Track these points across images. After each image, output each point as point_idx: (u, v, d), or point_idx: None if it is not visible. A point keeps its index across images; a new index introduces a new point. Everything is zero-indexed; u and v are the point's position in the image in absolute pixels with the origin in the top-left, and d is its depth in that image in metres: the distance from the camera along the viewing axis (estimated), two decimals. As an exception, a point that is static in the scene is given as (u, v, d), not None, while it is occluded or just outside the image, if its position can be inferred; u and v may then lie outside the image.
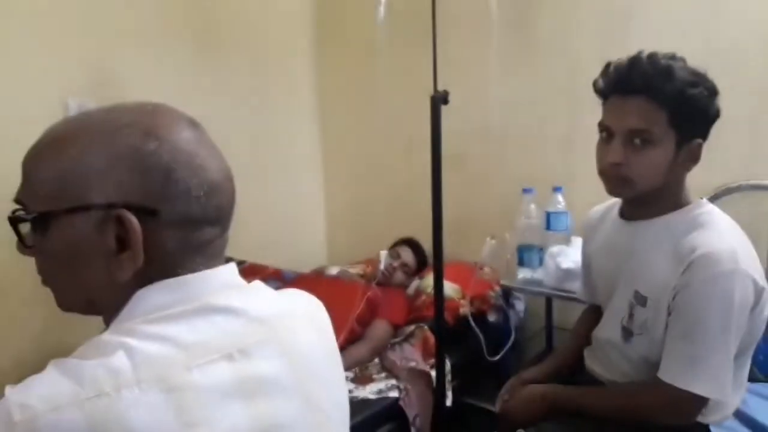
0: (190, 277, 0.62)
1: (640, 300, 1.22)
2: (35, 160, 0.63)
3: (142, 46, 2.11)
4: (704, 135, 1.18)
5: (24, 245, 0.64)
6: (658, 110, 1.13)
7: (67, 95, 1.90)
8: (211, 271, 0.64)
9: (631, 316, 1.24)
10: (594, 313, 1.46)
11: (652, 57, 1.15)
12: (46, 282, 0.66)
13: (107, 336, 0.58)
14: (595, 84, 1.23)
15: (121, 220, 0.59)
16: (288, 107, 2.73)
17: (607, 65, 1.21)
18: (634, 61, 1.16)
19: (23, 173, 0.63)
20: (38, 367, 0.56)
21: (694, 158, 1.18)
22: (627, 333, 1.26)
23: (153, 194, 0.60)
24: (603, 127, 1.21)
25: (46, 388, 0.52)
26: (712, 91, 1.15)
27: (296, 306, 0.73)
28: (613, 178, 1.20)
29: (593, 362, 1.39)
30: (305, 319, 0.72)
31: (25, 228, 0.63)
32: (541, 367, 1.48)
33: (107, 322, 0.63)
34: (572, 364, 1.47)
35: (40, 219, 0.61)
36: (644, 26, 1.97)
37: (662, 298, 1.17)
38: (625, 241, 1.28)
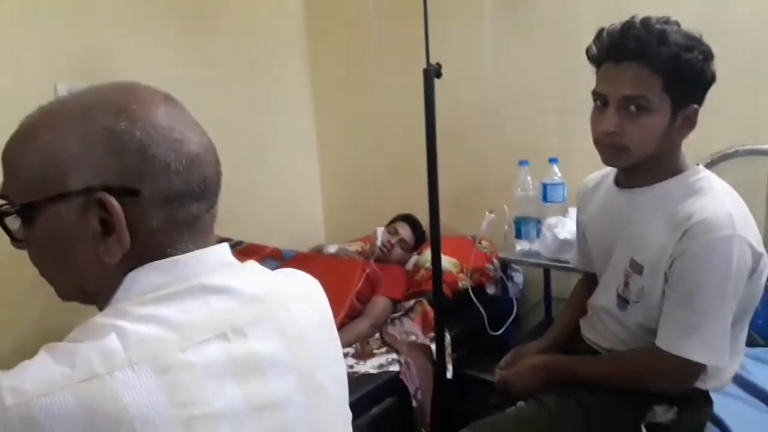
0: (182, 257, 0.62)
1: (636, 268, 1.21)
2: (13, 152, 0.62)
3: (133, 30, 2.08)
4: (700, 100, 1.16)
5: (14, 239, 0.63)
6: (653, 76, 1.10)
7: (57, 80, 1.88)
8: (204, 250, 0.64)
9: (626, 284, 1.24)
10: (589, 282, 1.46)
11: (646, 21, 1.12)
12: (42, 273, 0.66)
13: (99, 318, 0.57)
14: (588, 51, 1.21)
15: (103, 203, 0.58)
16: (282, 87, 2.70)
17: (600, 31, 1.18)
18: (627, 26, 1.13)
19: (3, 167, 0.63)
20: (38, 354, 0.55)
21: (691, 124, 1.16)
22: (623, 301, 1.26)
23: (131, 173, 0.59)
24: (597, 95, 1.18)
25: (38, 373, 0.52)
26: (708, 55, 1.13)
27: (291, 284, 0.72)
28: (609, 147, 1.17)
29: (589, 331, 1.39)
30: (301, 297, 0.71)
31: (17, 222, 0.62)
32: (539, 342, 1.49)
33: (101, 308, 0.62)
34: (569, 335, 1.47)
35: (25, 210, 0.60)
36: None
37: (659, 266, 1.16)
38: (621, 209, 1.27)
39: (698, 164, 1.22)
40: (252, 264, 0.70)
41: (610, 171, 1.35)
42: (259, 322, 0.63)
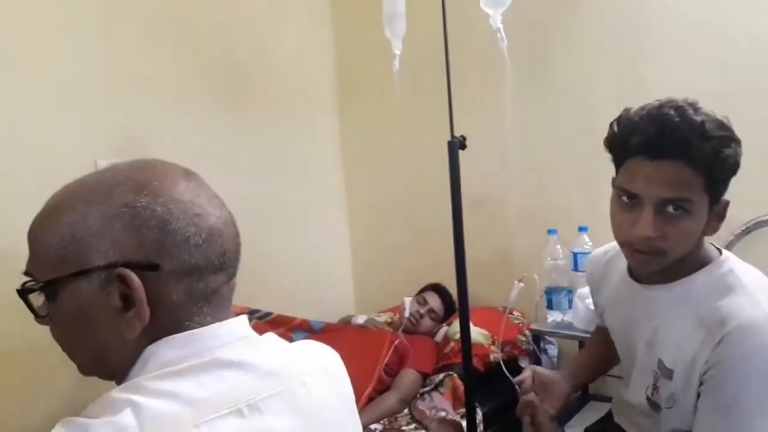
0: (198, 331, 0.62)
1: (666, 372, 1.11)
2: (37, 230, 0.64)
3: (170, 109, 2.18)
4: (727, 190, 1.08)
5: (37, 315, 0.64)
6: (696, 175, 0.99)
7: (97, 157, 1.96)
8: (221, 323, 0.64)
9: (656, 387, 1.14)
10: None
11: (683, 113, 0.99)
12: (63, 348, 0.67)
13: (115, 393, 0.58)
14: (609, 138, 1.09)
15: (123, 278, 0.59)
16: (312, 160, 2.77)
17: (627, 121, 1.05)
18: (665, 119, 1.00)
19: (29, 244, 0.65)
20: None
21: (721, 218, 1.07)
22: (654, 406, 1.16)
23: (151, 248, 0.60)
24: (626, 192, 1.05)
25: None
26: (739, 144, 1.04)
27: (309, 358, 0.71)
28: (645, 253, 1.05)
29: (621, 420, 1.32)
30: (319, 372, 0.70)
31: (41, 298, 0.64)
32: (560, 375, 1.42)
33: (119, 383, 0.63)
34: (590, 375, 1.46)
35: (48, 287, 0.62)
36: (660, 64, 1.97)
37: (692, 373, 1.06)
38: (640, 307, 1.16)
39: (720, 252, 1.12)
40: (270, 337, 0.70)
41: (618, 251, 1.22)
42: (276, 398, 0.62)
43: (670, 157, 0.99)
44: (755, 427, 1.00)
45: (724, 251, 1.13)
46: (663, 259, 1.05)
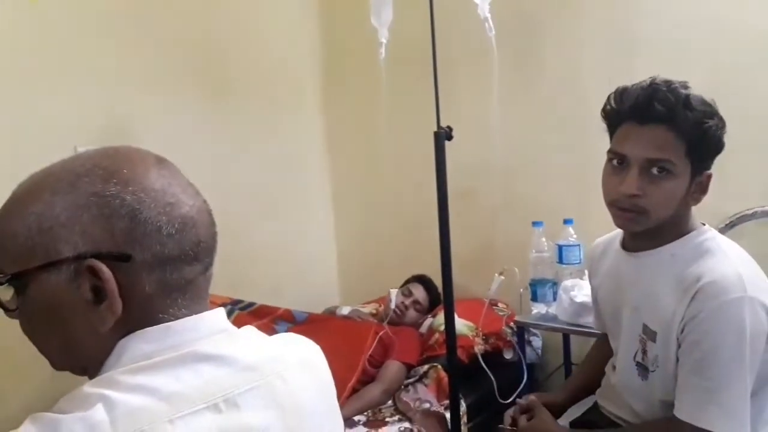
0: (174, 323, 0.60)
1: (650, 335, 1.16)
2: (3, 222, 0.61)
3: (153, 94, 2.15)
4: (711, 167, 1.15)
5: (6, 309, 0.62)
6: (678, 140, 1.08)
7: (77, 144, 1.92)
8: (198, 316, 0.62)
9: (644, 351, 1.18)
10: (608, 341, 1.40)
11: (671, 85, 1.10)
12: (34, 343, 0.64)
13: (88, 388, 0.56)
14: (605, 109, 1.18)
15: (93, 270, 0.57)
16: (298, 149, 2.75)
17: (622, 91, 1.15)
18: (654, 88, 1.10)
19: None
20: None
21: (703, 190, 1.15)
22: (643, 369, 1.19)
23: (122, 239, 0.58)
24: (616, 154, 1.14)
25: None
26: (723, 123, 1.12)
27: (289, 351, 0.70)
28: (628, 210, 1.13)
29: (607, 403, 1.33)
30: (299, 366, 0.68)
31: (10, 292, 0.61)
32: (555, 394, 1.44)
33: (92, 377, 0.60)
34: (586, 391, 1.44)
35: (16, 280, 0.59)
36: (650, 54, 1.97)
37: (670, 332, 1.11)
38: (628, 273, 1.23)
39: (704, 224, 1.19)
40: (249, 330, 0.68)
41: (617, 234, 1.31)
42: (254, 393, 0.61)
43: (656, 121, 1.09)
44: (731, 379, 1.04)
45: (708, 225, 1.19)
46: (645, 218, 1.12)
